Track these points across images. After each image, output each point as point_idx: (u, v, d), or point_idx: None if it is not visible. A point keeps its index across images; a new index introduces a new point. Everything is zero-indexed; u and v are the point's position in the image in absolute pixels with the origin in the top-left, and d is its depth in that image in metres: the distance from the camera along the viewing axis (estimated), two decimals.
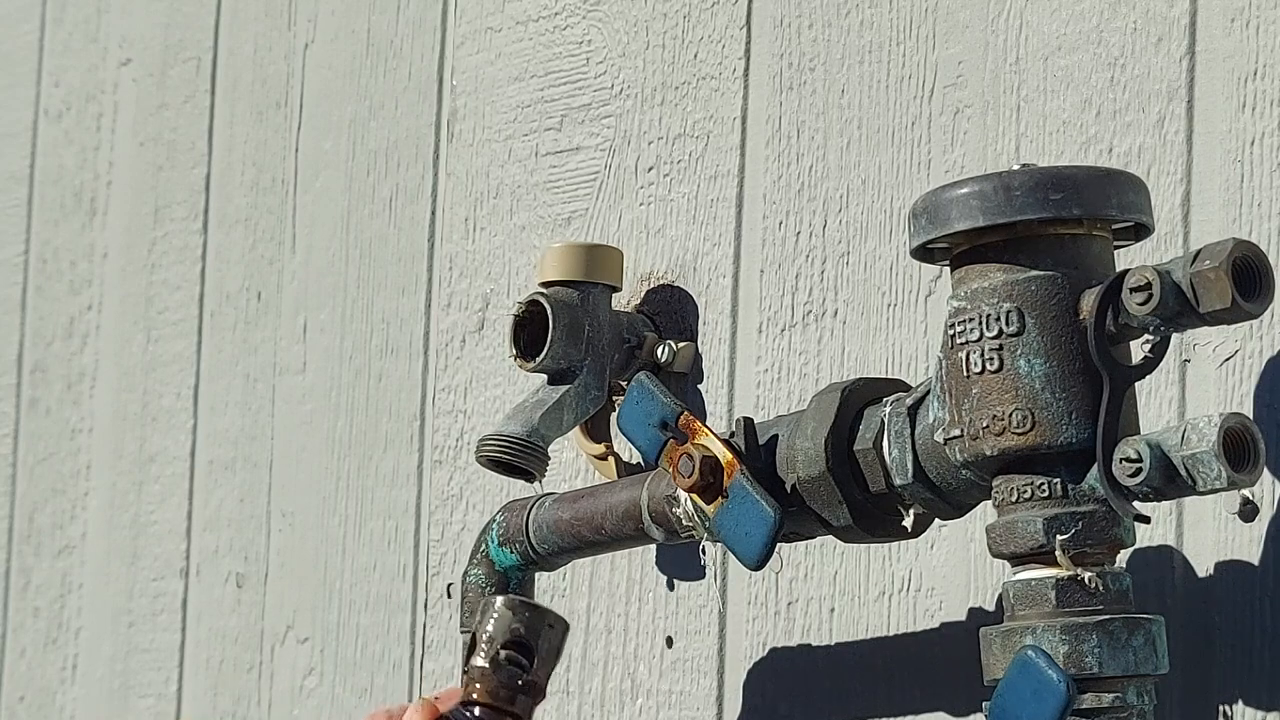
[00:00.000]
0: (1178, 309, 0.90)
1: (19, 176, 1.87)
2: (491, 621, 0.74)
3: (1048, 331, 0.92)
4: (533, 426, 1.19)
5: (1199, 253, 0.90)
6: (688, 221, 1.27)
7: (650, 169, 1.29)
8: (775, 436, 1.04)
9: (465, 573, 1.19)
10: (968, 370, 0.94)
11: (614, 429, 1.26)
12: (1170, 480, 0.89)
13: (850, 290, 1.18)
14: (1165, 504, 1.01)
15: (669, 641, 1.24)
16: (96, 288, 1.76)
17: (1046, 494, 0.93)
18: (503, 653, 0.75)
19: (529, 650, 0.75)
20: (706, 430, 1.04)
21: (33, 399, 1.82)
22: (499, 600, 0.75)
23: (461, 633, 0.81)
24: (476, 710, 0.75)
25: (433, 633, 1.39)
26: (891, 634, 1.14)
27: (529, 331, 1.22)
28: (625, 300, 1.27)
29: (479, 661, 0.75)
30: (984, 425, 0.93)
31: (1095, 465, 0.91)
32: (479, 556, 1.19)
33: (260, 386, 1.57)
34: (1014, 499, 0.93)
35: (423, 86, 1.46)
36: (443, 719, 0.76)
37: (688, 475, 1.03)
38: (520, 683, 0.75)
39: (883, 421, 1.00)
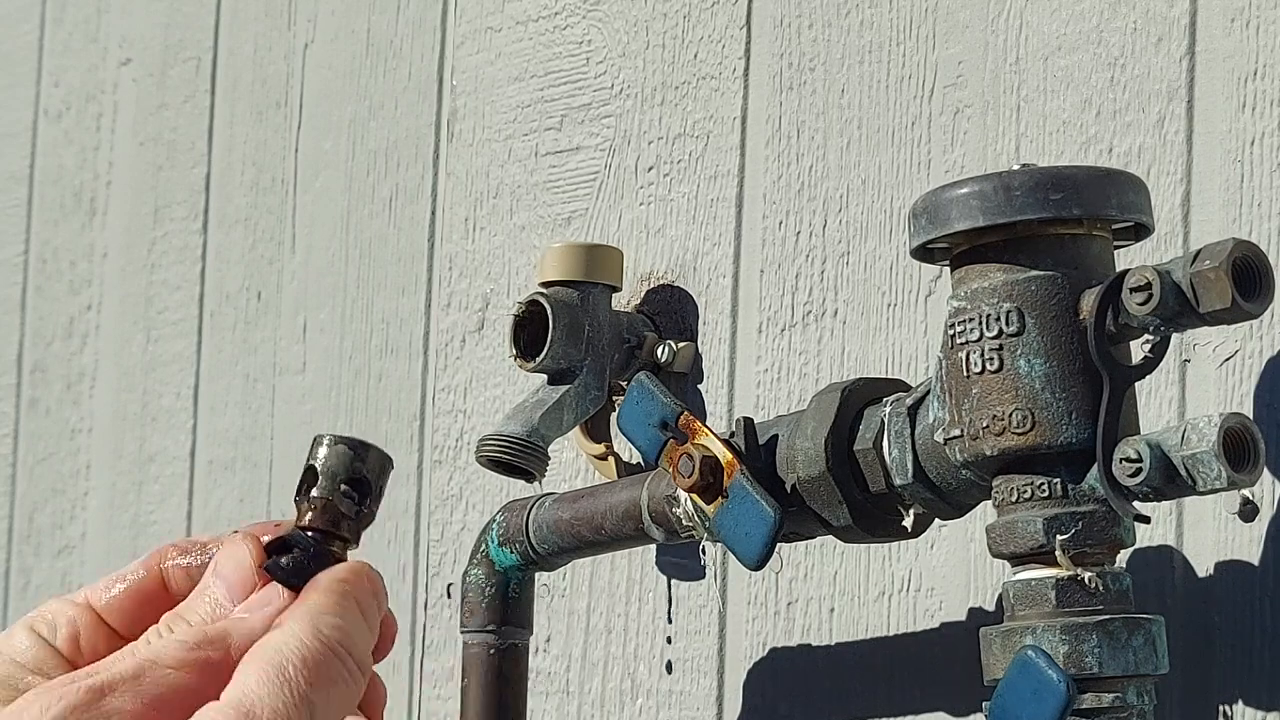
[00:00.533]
0: (1178, 309, 0.90)
1: (19, 176, 1.87)
2: (334, 458, 0.78)
3: (1048, 331, 0.92)
4: (533, 426, 1.19)
5: (1199, 253, 0.90)
6: (688, 221, 1.27)
7: (650, 169, 1.29)
8: (775, 436, 1.04)
9: (465, 573, 1.19)
10: (968, 370, 0.94)
11: (614, 429, 1.26)
12: (1170, 480, 0.89)
13: (850, 290, 1.18)
14: (1165, 504, 1.01)
15: (669, 640, 1.25)
16: (96, 288, 1.76)
17: (1046, 494, 0.93)
18: (343, 486, 0.79)
19: (366, 486, 0.80)
20: (706, 430, 1.04)
21: (33, 399, 1.82)
22: (334, 438, 0.79)
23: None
24: (314, 535, 0.79)
25: (433, 633, 1.39)
26: (891, 634, 1.14)
27: (529, 331, 1.22)
28: (625, 300, 1.28)
29: (318, 493, 0.79)
30: (984, 425, 0.94)
31: (1095, 465, 0.91)
32: (479, 556, 1.19)
33: (260, 386, 1.57)
34: (1014, 499, 0.93)
35: (423, 86, 1.46)
36: (283, 541, 0.78)
37: (688, 475, 1.03)
38: (356, 513, 0.80)
39: (883, 421, 1.00)
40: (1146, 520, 0.92)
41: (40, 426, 1.81)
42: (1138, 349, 0.93)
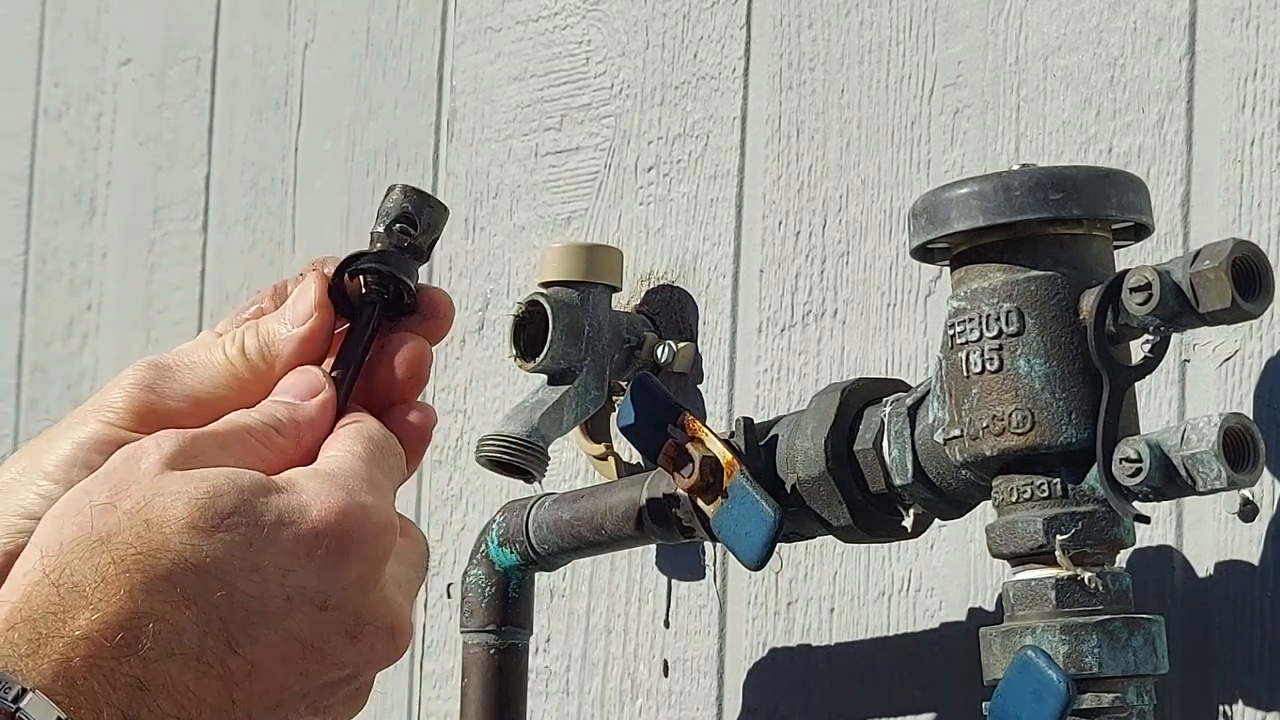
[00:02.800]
0: (1178, 309, 0.90)
1: (19, 176, 1.87)
2: (409, 202, 0.91)
3: (1048, 331, 0.92)
4: (533, 426, 1.19)
5: (1199, 253, 0.90)
6: (687, 221, 1.27)
7: (650, 169, 1.29)
8: (775, 437, 1.04)
9: (465, 573, 1.19)
10: (967, 370, 0.94)
11: (614, 429, 1.26)
12: (1170, 480, 0.89)
13: (850, 290, 1.18)
14: (1165, 504, 1.01)
15: (666, 661, 1.25)
16: (96, 288, 1.76)
17: (1046, 494, 0.93)
18: (397, 225, 0.90)
19: (414, 221, 0.90)
20: (706, 430, 1.04)
21: (33, 399, 1.82)
22: (396, 187, 0.91)
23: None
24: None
25: (433, 633, 1.39)
26: (891, 634, 1.14)
27: (529, 331, 1.22)
28: (625, 300, 1.27)
29: (377, 228, 0.90)
30: (984, 425, 0.93)
31: (1095, 465, 0.91)
32: (479, 556, 1.19)
33: None
34: (1014, 499, 0.93)
35: (422, 86, 1.46)
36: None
37: (688, 475, 1.03)
38: (407, 244, 0.90)
39: (882, 421, 1.00)
40: (1146, 520, 0.92)
41: (40, 427, 1.80)
42: (1138, 349, 0.93)
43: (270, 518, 0.77)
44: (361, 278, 0.89)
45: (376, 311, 0.89)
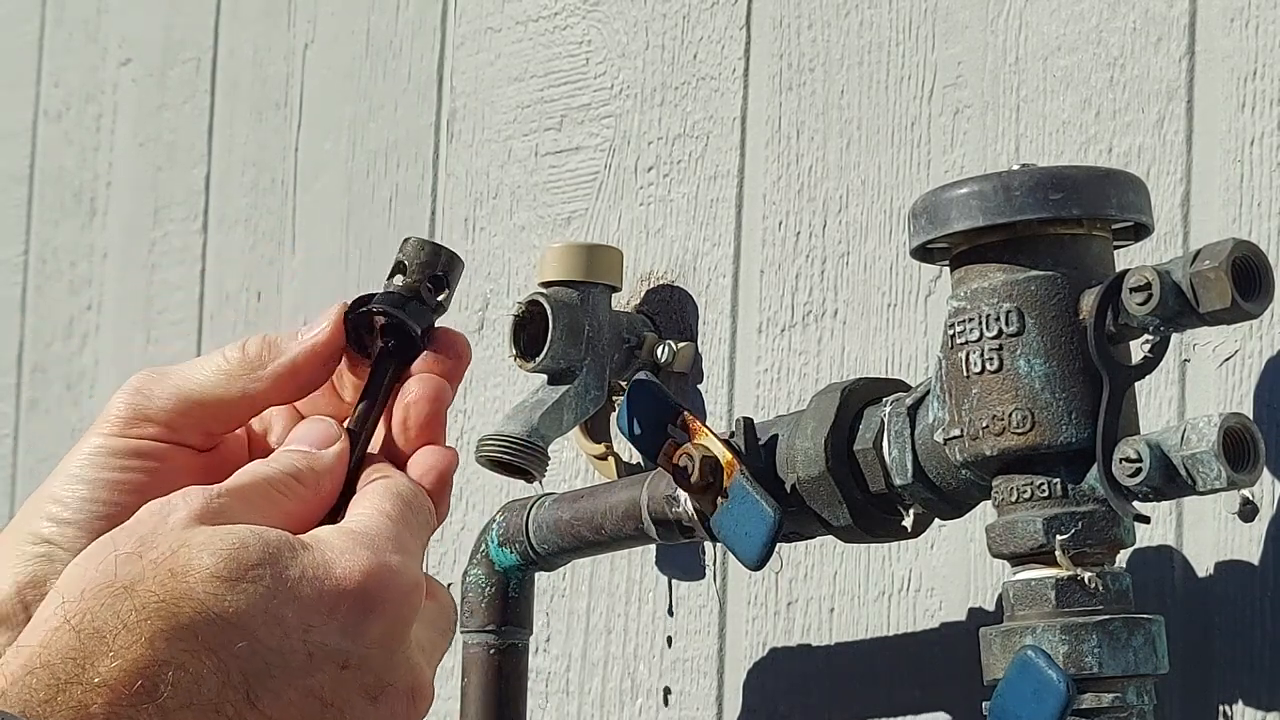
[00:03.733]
0: (1177, 309, 0.90)
1: (19, 176, 1.87)
2: (424, 254, 0.91)
3: (1047, 331, 0.92)
4: (533, 426, 1.19)
5: (1199, 253, 0.90)
6: (688, 221, 1.27)
7: (650, 169, 1.29)
8: (775, 436, 1.04)
9: (465, 572, 1.20)
10: (967, 370, 0.94)
11: (614, 429, 1.26)
12: (1170, 480, 0.89)
13: (850, 290, 1.18)
14: (1165, 504, 1.01)
15: (669, 641, 1.25)
16: (96, 288, 1.76)
17: (1046, 494, 0.93)
18: (428, 282, 0.91)
19: (444, 283, 0.92)
20: (706, 430, 1.04)
21: (33, 399, 1.82)
22: (421, 243, 0.92)
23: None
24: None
25: None
26: (891, 634, 1.14)
27: (529, 331, 1.22)
28: (625, 300, 1.28)
29: (393, 279, 0.91)
30: (984, 425, 0.94)
31: (1095, 465, 0.91)
32: (479, 556, 1.19)
33: None
34: (1014, 499, 0.93)
35: (422, 87, 1.46)
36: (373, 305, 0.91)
37: (688, 475, 1.03)
38: (434, 304, 0.91)
39: (882, 421, 1.00)
40: (1146, 520, 0.92)
41: (40, 427, 1.81)
42: (1138, 349, 0.93)
43: (295, 572, 0.77)
44: (378, 327, 0.89)
45: (394, 366, 0.88)
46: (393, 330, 0.89)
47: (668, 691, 1.24)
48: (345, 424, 0.88)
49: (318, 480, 0.83)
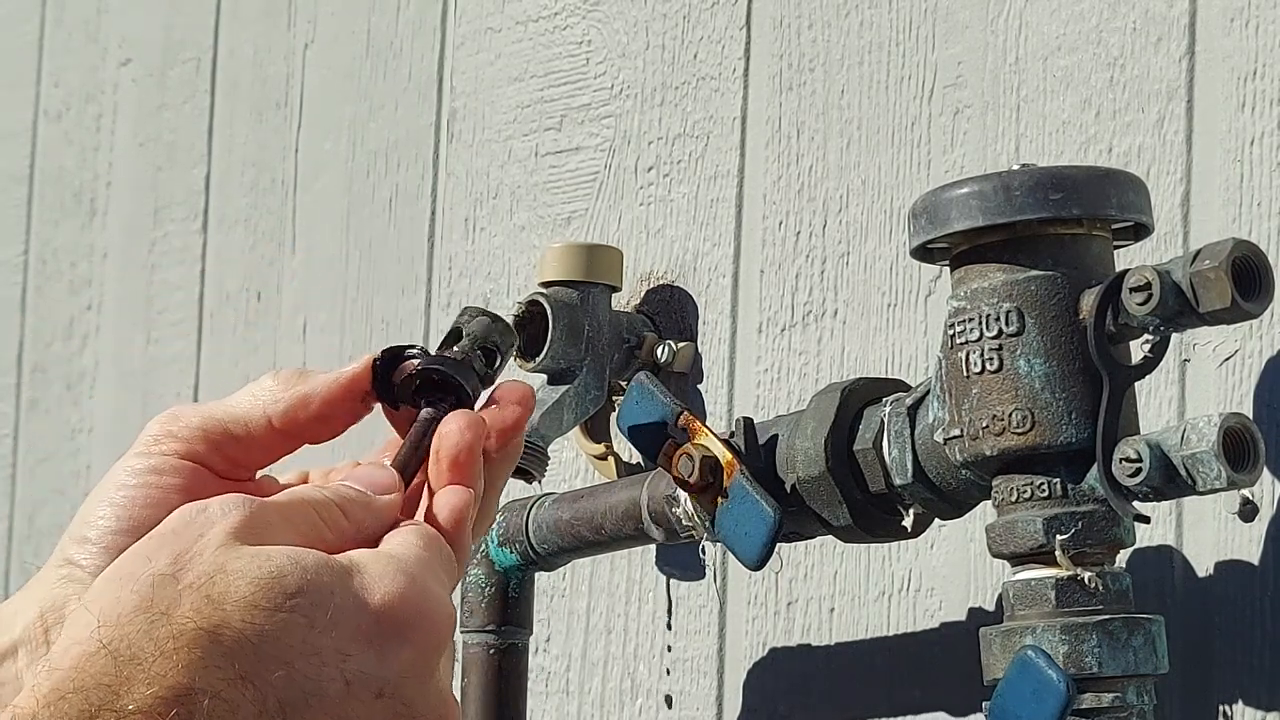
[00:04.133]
0: (1177, 309, 0.90)
1: (19, 176, 1.87)
2: (479, 326, 0.88)
3: (1047, 331, 0.92)
4: (532, 426, 1.19)
5: (1199, 253, 0.90)
6: (688, 221, 1.27)
7: (650, 169, 1.29)
8: (775, 436, 1.04)
9: (465, 572, 1.19)
10: (967, 370, 0.94)
11: (614, 429, 1.26)
12: (1170, 480, 0.89)
13: (850, 290, 1.18)
14: (1165, 504, 1.01)
15: (668, 648, 1.25)
16: (96, 288, 1.76)
17: (1046, 494, 0.93)
18: (479, 351, 0.87)
19: (495, 355, 0.88)
20: (706, 430, 1.04)
21: (33, 399, 1.82)
22: (479, 312, 0.88)
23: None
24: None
25: None
26: (891, 634, 1.14)
27: (529, 331, 1.22)
28: (625, 300, 1.28)
29: (458, 349, 0.88)
30: (984, 425, 0.94)
31: (1095, 465, 0.91)
32: (479, 556, 1.19)
33: None
34: (1014, 499, 0.93)
35: (422, 87, 1.46)
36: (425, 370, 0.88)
37: (688, 475, 1.03)
38: (482, 376, 0.87)
39: (882, 421, 1.00)
40: (1146, 520, 0.92)
41: (40, 427, 1.81)
42: (1138, 349, 0.93)
43: (334, 600, 0.76)
44: (416, 380, 0.86)
45: (433, 423, 0.85)
46: (434, 385, 0.86)
47: (669, 700, 1.24)
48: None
49: (363, 518, 0.82)
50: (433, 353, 0.87)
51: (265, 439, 0.86)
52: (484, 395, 0.87)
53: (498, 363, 0.88)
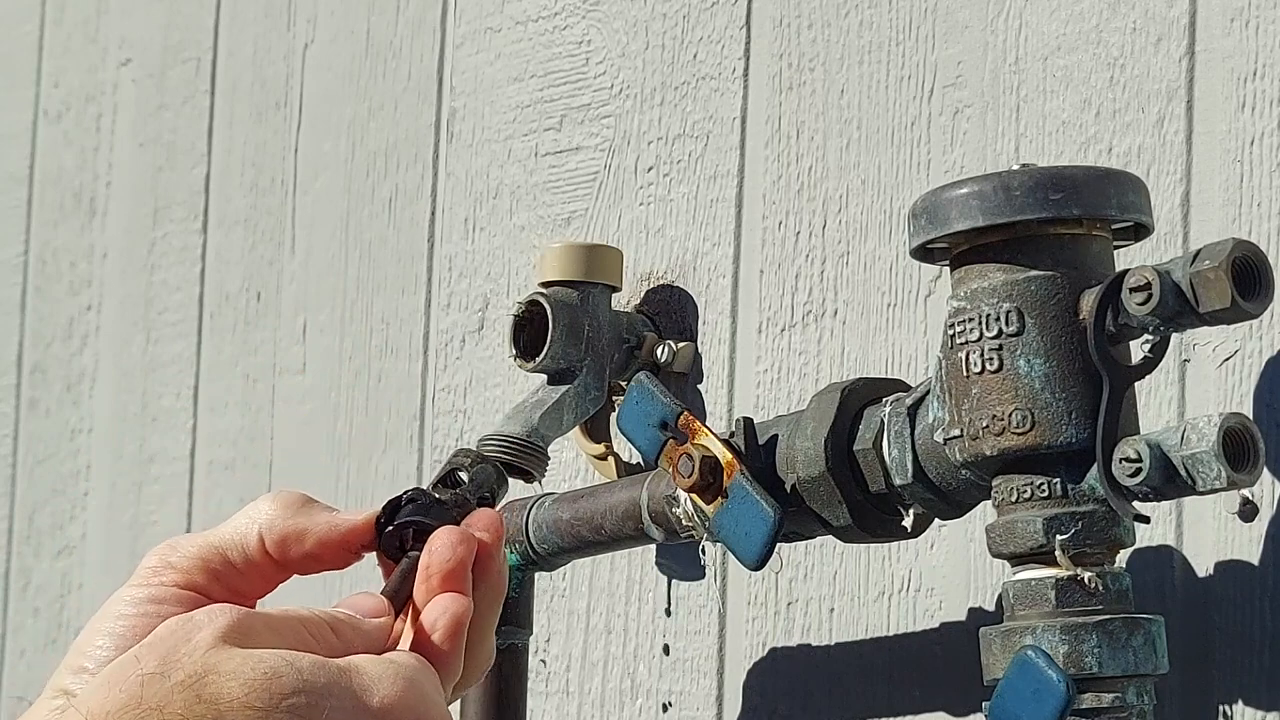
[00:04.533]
0: (1177, 309, 0.90)
1: (19, 177, 1.87)
2: (482, 475, 0.87)
3: (1047, 331, 0.92)
4: (532, 426, 1.19)
5: (1199, 253, 0.90)
6: (687, 221, 1.27)
7: (650, 169, 1.29)
8: (775, 436, 1.04)
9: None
10: (967, 370, 0.94)
11: (614, 429, 1.26)
12: (1170, 480, 0.89)
13: (850, 290, 1.18)
14: (1165, 504, 1.01)
15: (666, 649, 1.25)
16: (96, 288, 1.76)
17: (1046, 494, 0.93)
18: (474, 500, 0.86)
19: (491, 504, 0.87)
20: (706, 430, 1.04)
21: (33, 399, 1.82)
22: (479, 458, 0.87)
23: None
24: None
25: None
26: (891, 634, 1.14)
27: (529, 331, 1.22)
28: (625, 300, 1.28)
29: (453, 495, 0.87)
30: (984, 425, 0.94)
31: (1095, 465, 0.91)
32: None
33: (260, 387, 1.57)
34: (1014, 499, 0.93)
35: (422, 87, 1.46)
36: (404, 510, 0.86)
37: (688, 475, 1.03)
38: (452, 497, 0.86)
39: (882, 421, 1.00)
40: (1146, 520, 0.92)
41: (40, 427, 1.81)
42: (1138, 349, 0.93)
43: (331, 701, 0.75)
44: (411, 534, 0.85)
45: (415, 564, 0.84)
46: (425, 532, 0.85)
47: (666, 706, 1.24)
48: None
49: (353, 640, 0.80)
50: (427, 489, 0.86)
51: (264, 566, 0.84)
52: None
53: (481, 493, 0.87)
